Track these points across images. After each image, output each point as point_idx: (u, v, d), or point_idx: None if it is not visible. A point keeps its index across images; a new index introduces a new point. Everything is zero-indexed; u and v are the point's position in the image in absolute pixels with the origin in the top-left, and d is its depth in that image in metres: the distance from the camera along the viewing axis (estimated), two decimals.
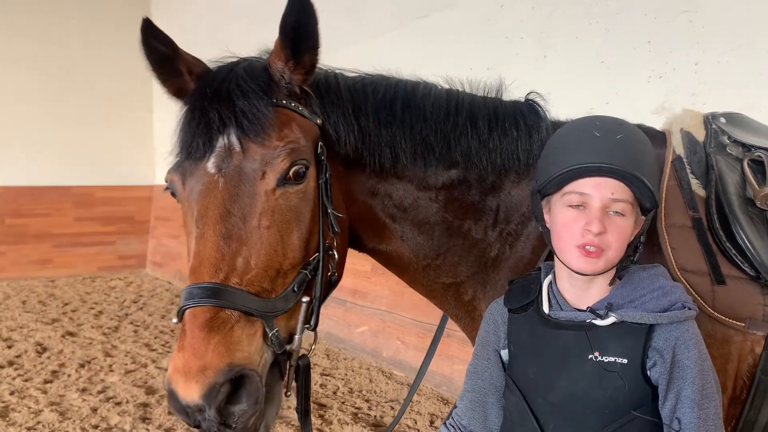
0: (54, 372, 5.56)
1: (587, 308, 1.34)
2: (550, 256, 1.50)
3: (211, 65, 1.58)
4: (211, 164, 1.40)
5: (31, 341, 6.52)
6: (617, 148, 1.29)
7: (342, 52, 6.75)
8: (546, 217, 1.43)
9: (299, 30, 1.45)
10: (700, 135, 1.74)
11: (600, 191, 1.29)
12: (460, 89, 1.82)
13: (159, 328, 7.24)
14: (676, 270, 1.55)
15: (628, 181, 1.29)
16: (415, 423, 4.44)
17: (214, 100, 1.42)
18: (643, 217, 1.38)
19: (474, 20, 5.16)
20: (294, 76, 1.52)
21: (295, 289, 1.43)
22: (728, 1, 3.47)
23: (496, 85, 1.84)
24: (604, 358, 1.29)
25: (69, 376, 5.45)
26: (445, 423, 1.57)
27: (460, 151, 1.69)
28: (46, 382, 5.29)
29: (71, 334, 6.92)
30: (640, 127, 1.76)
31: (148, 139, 12.06)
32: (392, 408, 4.74)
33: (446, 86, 1.81)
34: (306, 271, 1.46)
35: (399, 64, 6.29)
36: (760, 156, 1.66)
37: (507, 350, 1.48)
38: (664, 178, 1.66)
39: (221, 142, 1.40)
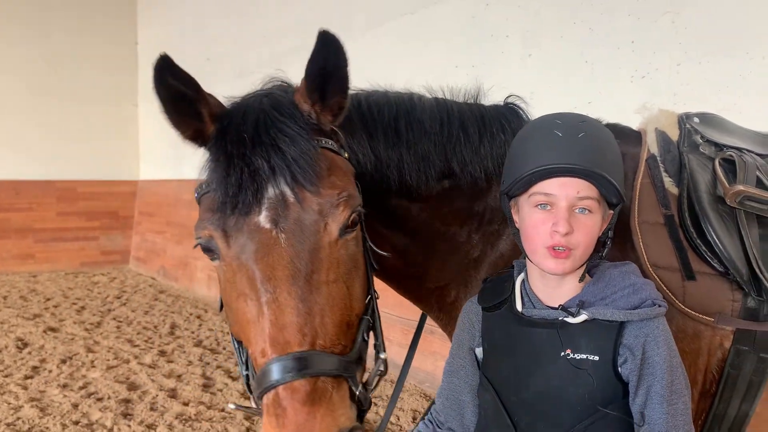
0: (35, 368, 5.52)
1: (559, 306, 1.35)
2: None
3: (223, 101, 1.47)
4: (263, 218, 1.26)
5: (12, 336, 6.47)
6: (579, 147, 1.31)
7: None
8: (515, 217, 1.44)
9: (327, 74, 1.34)
10: (674, 134, 1.76)
11: (565, 191, 1.30)
12: (442, 96, 1.81)
13: (142, 324, 7.21)
14: (648, 266, 1.58)
15: (592, 179, 1.31)
16: (398, 419, 4.46)
17: (257, 146, 1.29)
18: (611, 212, 1.39)
19: (460, 17, 5.17)
20: (322, 117, 1.41)
21: (365, 337, 1.36)
22: (710, 3, 3.51)
23: (475, 90, 1.84)
24: (576, 355, 1.31)
25: (50, 371, 5.42)
26: (422, 418, 1.59)
27: (457, 161, 1.68)
28: (26, 377, 5.25)
29: (53, 329, 6.87)
30: (615, 126, 1.79)
31: (133, 134, 11.98)
32: (375, 404, 4.76)
33: (428, 95, 1.81)
34: (367, 316, 1.39)
35: (384, 61, 6.31)
36: (731, 155, 1.69)
37: (481, 348, 1.49)
38: (638, 176, 1.68)
39: (272, 193, 1.27)
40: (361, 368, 1.32)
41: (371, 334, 1.43)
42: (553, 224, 1.30)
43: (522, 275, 1.47)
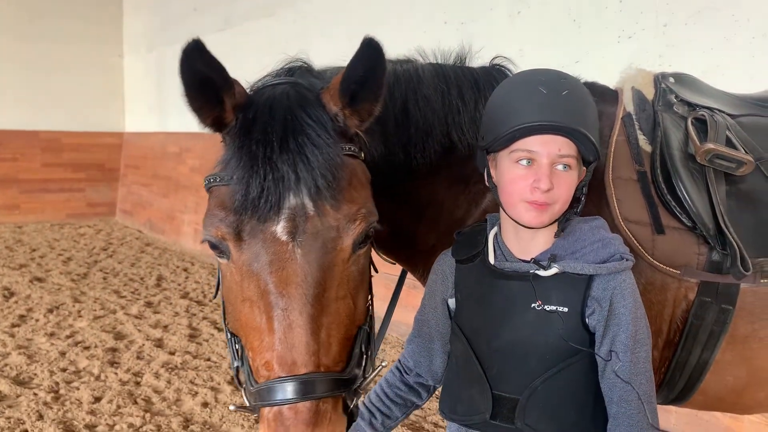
0: (22, 316, 5.58)
1: (531, 259, 1.40)
2: None
3: (244, 85, 1.38)
4: (281, 228, 1.22)
5: None
6: (564, 105, 1.34)
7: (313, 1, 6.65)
8: (492, 172, 1.46)
9: (363, 80, 1.28)
10: (650, 93, 1.80)
11: (548, 148, 1.33)
12: (436, 61, 1.79)
13: (128, 275, 7.26)
14: (620, 220, 1.62)
15: (573, 137, 1.34)
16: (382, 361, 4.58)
17: (284, 151, 1.23)
18: (585, 169, 1.43)
19: None
20: (349, 120, 1.34)
21: (363, 349, 1.34)
22: None
23: (464, 52, 1.82)
24: (546, 306, 1.36)
25: (37, 320, 5.48)
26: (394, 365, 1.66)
27: (455, 131, 1.68)
28: (13, 326, 5.31)
29: (39, 279, 6.91)
30: (593, 84, 1.83)
31: (119, 85, 11.82)
32: None
33: (421, 59, 1.78)
34: (366, 326, 1.37)
35: (372, 16, 6.21)
36: (703, 115, 1.73)
37: (454, 299, 1.54)
38: (614, 134, 1.72)
39: (293, 203, 1.22)
40: (357, 383, 1.32)
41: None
42: (534, 180, 1.33)
43: (495, 229, 1.51)
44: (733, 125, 1.74)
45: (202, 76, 1.23)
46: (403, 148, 1.63)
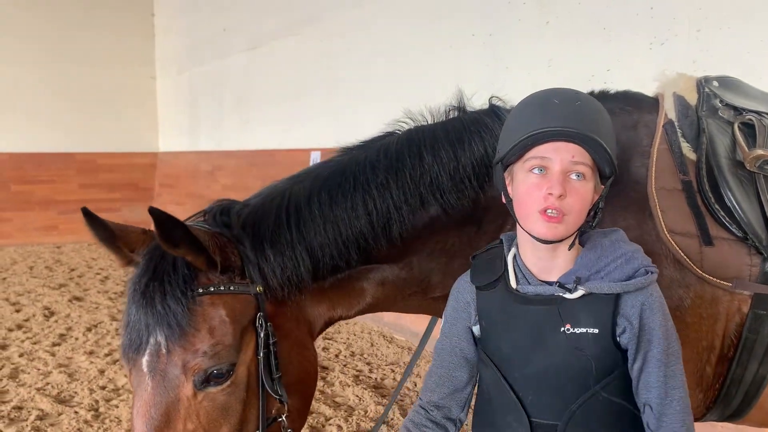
0: (62, 335, 5.67)
1: (556, 282, 1.36)
2: None
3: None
4: (144, 362, 1.43)
5: (39, 305, 6.63)
6: (576, 114, 1.31)
7: (334, 18, 6.70)
8: (508, 188, 1.43)
9: (177, 245, 1.42)
10: (692, 99, 1.75)
11: (560, 154, 1.30)
12: (423, 122, 1.78)
13: None
14: (666, 232, 1.58)
15: (587, 145, 1.30)
16: (415, 386, 4.54)
17: (142, 297, 1.44)
18: (603, 185, 1.39)
19: None
20: (202, 266, 1.48)
21: None
22: None
23: (458, 99, 1.80)
24: (576, 329, 1.32)
25: (76, 339, 5.57)
26: (414, 407, 1.61)
27: (435, 194, 1.65)
28: (54, 344, 5.40)
29: (78, 298, 7.03)
30: (626, 93, 1.78)
31: (152, 105, 12.06)
32: (392, 371, 4.84)
33: (406, 125, 1.78)
34: None
35: (399, 33, 6.22)
36: (750, 119, 1.67)
37: (478, 326, 1.49)
38: (655, 143, 1.67)
39: (152, 341, 1.43)
40: None
41: None
42: (547, 188, 1.30)
43: (513, 250, 1.46)
44: None
45: (102, 234, 1.54)
46: (355, 242, 1.63)
